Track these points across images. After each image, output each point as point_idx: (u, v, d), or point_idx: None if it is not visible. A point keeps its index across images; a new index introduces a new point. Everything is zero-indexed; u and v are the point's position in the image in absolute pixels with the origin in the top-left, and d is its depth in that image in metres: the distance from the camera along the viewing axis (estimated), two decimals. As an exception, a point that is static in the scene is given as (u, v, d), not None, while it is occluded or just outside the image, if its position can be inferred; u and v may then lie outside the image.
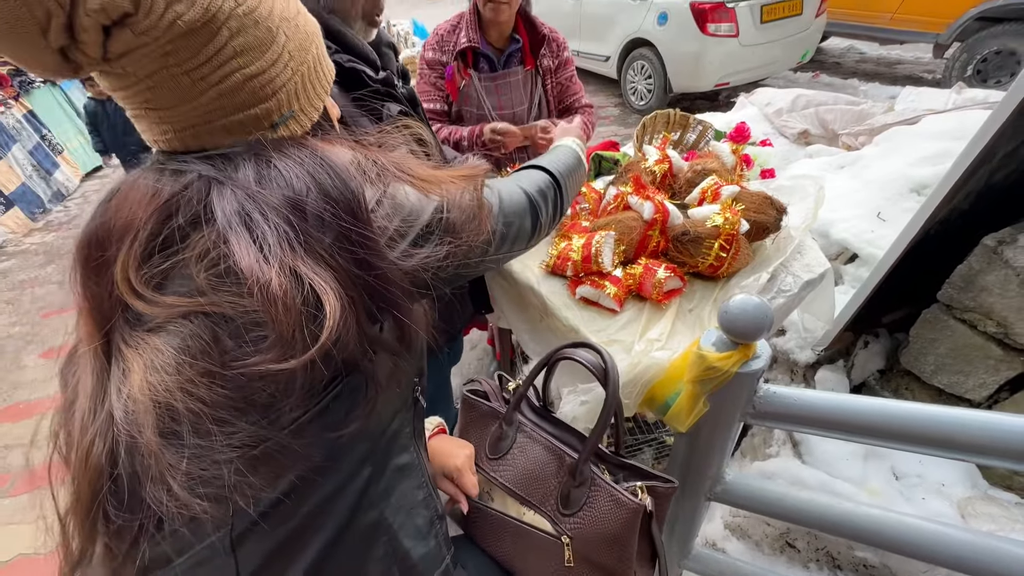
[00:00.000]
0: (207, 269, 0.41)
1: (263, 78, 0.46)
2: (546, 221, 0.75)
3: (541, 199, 0.74)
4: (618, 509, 0.67)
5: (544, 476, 0.73)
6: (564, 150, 0.91)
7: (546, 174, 0.78)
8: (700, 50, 4.42)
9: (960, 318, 1.26)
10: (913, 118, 2.16)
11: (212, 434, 0.39)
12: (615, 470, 0.73)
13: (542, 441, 0.76)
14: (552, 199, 0.78)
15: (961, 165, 1.07)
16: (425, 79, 1.54)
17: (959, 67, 4.32)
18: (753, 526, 1.39)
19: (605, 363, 0.69)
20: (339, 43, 0.91)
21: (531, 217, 0.71)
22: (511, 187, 0.70)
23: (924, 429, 0.66)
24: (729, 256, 1.08)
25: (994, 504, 1.11)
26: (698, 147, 1.68)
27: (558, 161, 0.85)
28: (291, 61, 0.48)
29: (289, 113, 0.49)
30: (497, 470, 0.77)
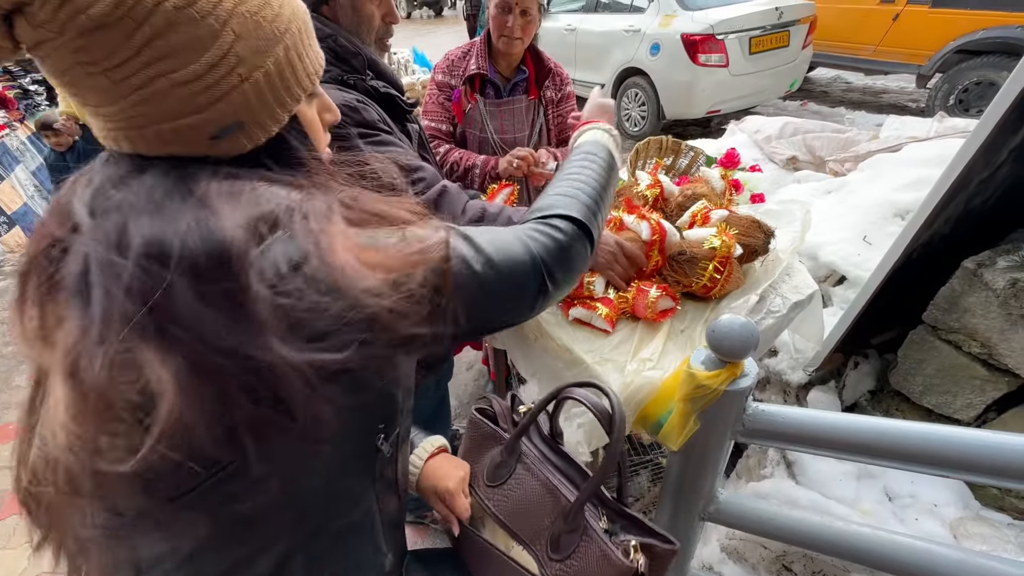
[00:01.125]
0: (54, 330, 0.37)
1: (197, 85, 0.39)
2: (555, 293, 0.58)
3: (557, 266, 0.57)
4: (607, 566, 0.63)
5: (538, 513, 0.70)
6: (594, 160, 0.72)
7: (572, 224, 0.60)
8: (692, 79, 4.56)
9: (945, 339, 1.29)
10: (896, 145, 2.23)
11: (92, 497, 0.38)
12: (615, 517, 0.68)
13: (541, 476, 0.72)
14: (576, 259, 0.60)
15: (938, 191, 1.12)
16: (434, 99, 1.61)
17: (941, 97, 4.48)
18: (750, 549, 1.38)
19: (612, 408, 0.64)
20: (373, 69, 0.96)
21: (534, 285, 0.55)
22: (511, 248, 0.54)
23: (905, 445, 0.68)
24: (723, 278, 1.11)
25: (986, 524, 1.12)
26: (690, 172, 1.73)
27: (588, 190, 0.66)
28: (240, 66, 0.41)
29: (234, 126, 0.42)
30: (492, 498, 0.74)
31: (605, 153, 0.75)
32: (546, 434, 0.79)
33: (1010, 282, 1.12)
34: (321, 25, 0.88)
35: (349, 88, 0.91)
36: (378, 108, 0.94)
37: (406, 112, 1.04)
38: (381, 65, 0.98)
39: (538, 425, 0.78)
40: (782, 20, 4.57)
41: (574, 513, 0.66)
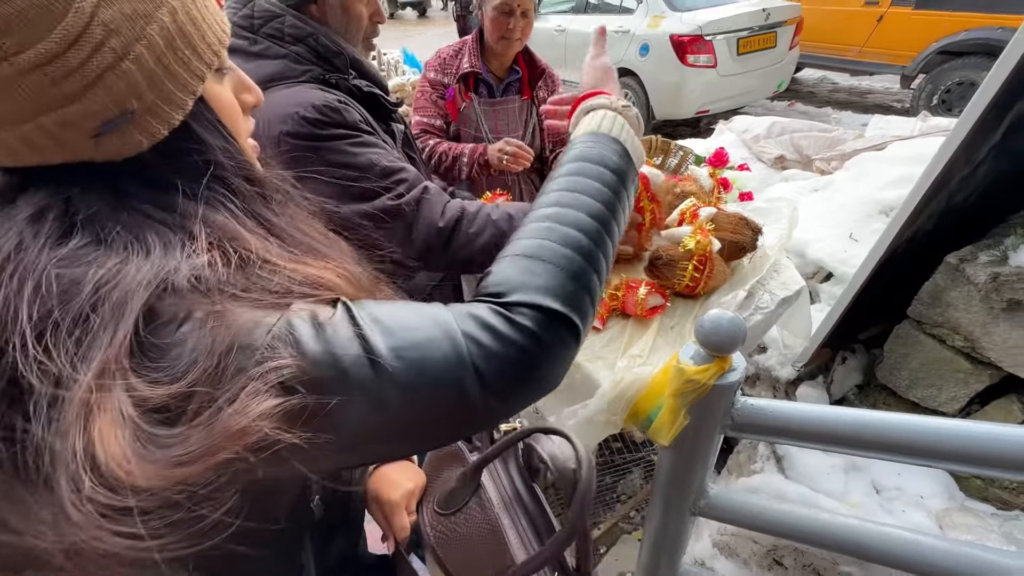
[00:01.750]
0: None
1: (56, 68, 0.31)
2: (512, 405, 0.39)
3: (502, 377, 0.36)
4: None
5: (479, 560, 0.61)
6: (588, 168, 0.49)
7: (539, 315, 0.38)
8: (680, 80, 4.60)
9: (930, 333, 1.31)
10: (881, 144, 2.27)
11: None
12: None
13: (492, 520, 0.61)
14: (542, 366, 0.39)
15: (921, 188, 1.14)
16: (426, 96, 1.60)
17: (925, 97, 4.56)
18: (741, 544, 1.39)
19: (579, 469, 0.52)
20: (356, 69, 0.95)
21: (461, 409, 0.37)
22: (427, 352, 0.35)
23: (890, 436, 0.69)
24: (704, 276, 1.12)
25: (971, 515, 1.14)
26: (679, 171, 1.74)
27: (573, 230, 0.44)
28: (111, 38, 0.32)
29: (122, 116, 0.33)
30: (436, 527, 0.65)
31: (611, 153, 0.50)
32: (523, 466, 0.67)
33: (991, 276, 1.15)
34: (302, 24, 0.87)
35: (331, 88, 0.90)
36: (360, 108, 0.93)
37: (390, 112, 1.03)
38: (365, 64, 0.97)
39: (516, 454, 0.67)
40: (769, 21, 4.63)
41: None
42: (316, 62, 0.89)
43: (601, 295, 0.47)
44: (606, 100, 0.58)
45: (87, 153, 0.34)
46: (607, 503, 1.77)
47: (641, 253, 1.32)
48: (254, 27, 0.86)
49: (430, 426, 0.38)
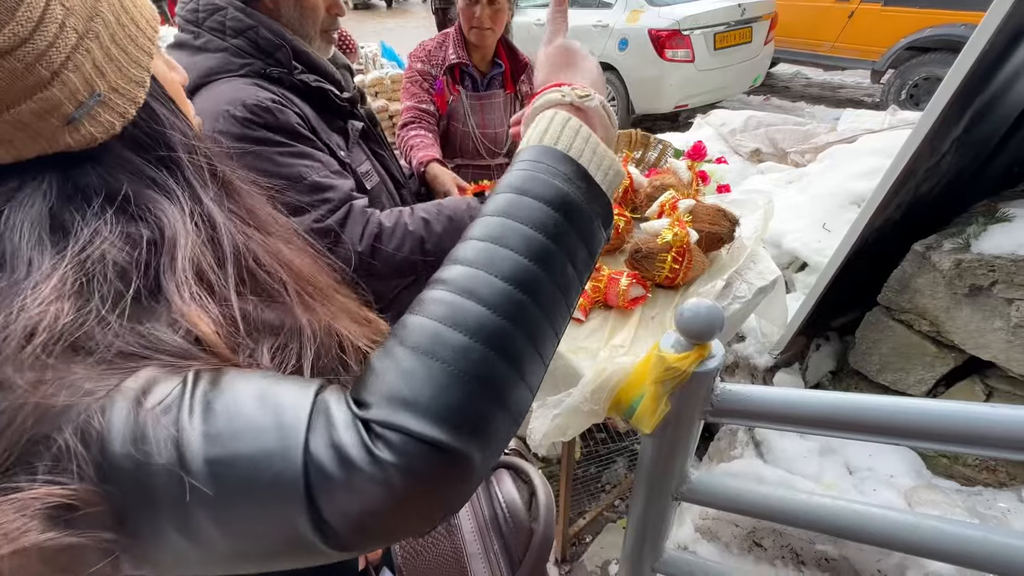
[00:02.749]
0: None
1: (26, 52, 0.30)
2: (356, 549, 0.30)
3: (345, 514, 0.28)
4: None
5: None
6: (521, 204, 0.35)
7: (412, 443, 0.28)
8: (659, 74, 4.65)
9: (898, 319, 1.37)
10: (852, 137, 2.33)
11: None
12: None
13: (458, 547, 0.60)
14: (407, 514, 0.29)
15: (889, 179, 1.18)
16: (415, 83, 1.58)
17: (894, 92, 4.69)
18: (722, 527, 1.43)
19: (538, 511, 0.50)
20: (303, 62, 0.91)
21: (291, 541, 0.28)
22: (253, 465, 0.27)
23: (862, 417, 0.72)
24: (683, 267, 1.14)
25: (937, 491, 1.19)
26: (659, 165, 1.77)
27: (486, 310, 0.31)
28: (70, 17, 0.31)
29: (93, 99, 0.33)
30: (405, 548, 0.65)
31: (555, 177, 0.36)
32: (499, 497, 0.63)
33: (955, 263, 1.20)
34: (244, 16, 0.84)
35: (273, 82, 0.86)
36: (304, 106, 0.89)
37: (344, 108, 0.98)
38: (313, 57, 0.92)
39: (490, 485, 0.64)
40: (745, 16, 4.70)
41: None
42: (257, 55, 0.85)
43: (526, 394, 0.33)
44: (557, 94, 0.41)
45: (63, 141, 0.33)
46: (592, 493, 1.80)
47: (622, 246, 1.34)
48: (199, 20, 0.84)
49: (253, 559, 0.29)
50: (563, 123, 0.38)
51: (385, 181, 1.07)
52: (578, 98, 0.40)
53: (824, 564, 1.29)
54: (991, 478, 1.24)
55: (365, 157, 1.02)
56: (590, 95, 0.41)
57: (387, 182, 1.08)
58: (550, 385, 1.09)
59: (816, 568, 1.29)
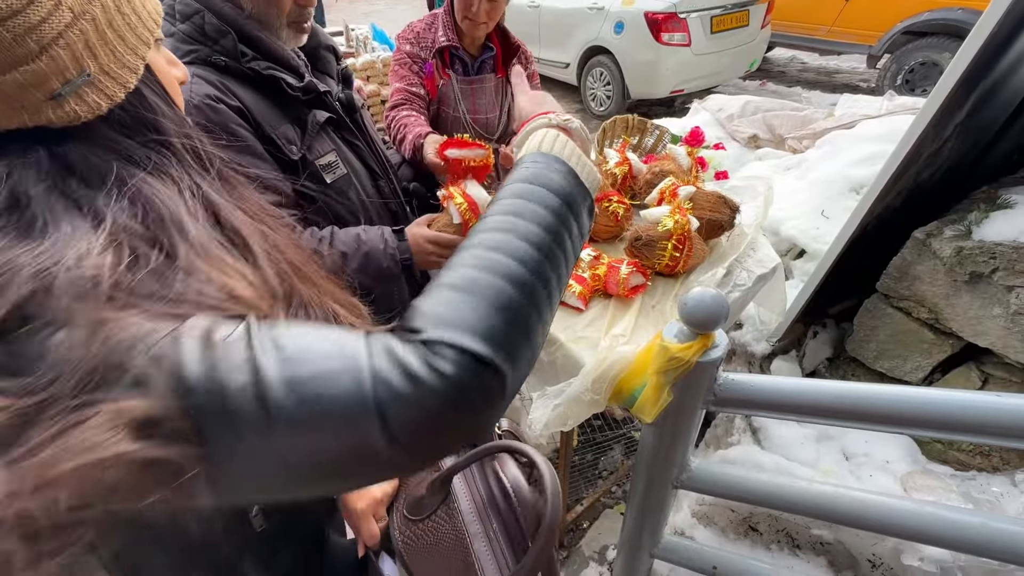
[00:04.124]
0: None
1: (17, 24, 0.31)
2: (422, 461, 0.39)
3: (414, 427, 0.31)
4: None
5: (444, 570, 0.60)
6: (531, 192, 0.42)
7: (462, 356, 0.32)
8: (655, 58, 4.58)
9: (897, 306, 1.37)
10: (850, 123, 2.31)
11: None
12: None
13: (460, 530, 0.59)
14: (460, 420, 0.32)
15: (891, 165, 1.16)
16: (405, 66, 1.53)
17: (890, 76, 4.67)
18: (718, 513, 1.45)
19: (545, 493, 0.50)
20: (256, 49, 0.87)
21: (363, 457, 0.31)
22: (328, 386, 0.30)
23: (866, 405, 0.71)
24: (683, 255, 1.13)
25: (932, 477, 1.20)
26: (656, 151, 1.75)
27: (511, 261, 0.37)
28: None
29: (81, 78, 0.34)
30: (404, 532, 0.63)
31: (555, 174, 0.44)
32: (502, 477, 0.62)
33: (955, 250, 1.19)
34: (192, 1, 0.81)
35: (219, 70, 0.83)
36: (247, 97, 0.85)
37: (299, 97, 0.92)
38: (266, 43, 0.88)
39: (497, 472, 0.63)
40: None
41: None
42: (203, 42, 0.83)
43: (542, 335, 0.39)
44: (544, 120, 0.50)
45: (45, 116, 0.33)
46: (589, 479, 1.81)
47: (622, 233, 1.32)
48: None
49: (325, 471, 0.32)
50: (554, 138, 0.48)
51: (356, 173, 1.03)
52: (562, 121, 0.51)
53: (819, 548, 1.31)
54: (985, 463, 1.26)
55: (331, 148, 0.98)
56: (570, 119, 0.51)
57: (358, 174, 1.04)
58: (551, 375, 1.08)
59: (811, 552, 1.31)
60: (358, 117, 1.08)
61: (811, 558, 1.30)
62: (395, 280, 1.02)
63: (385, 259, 0.94)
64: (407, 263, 0.97)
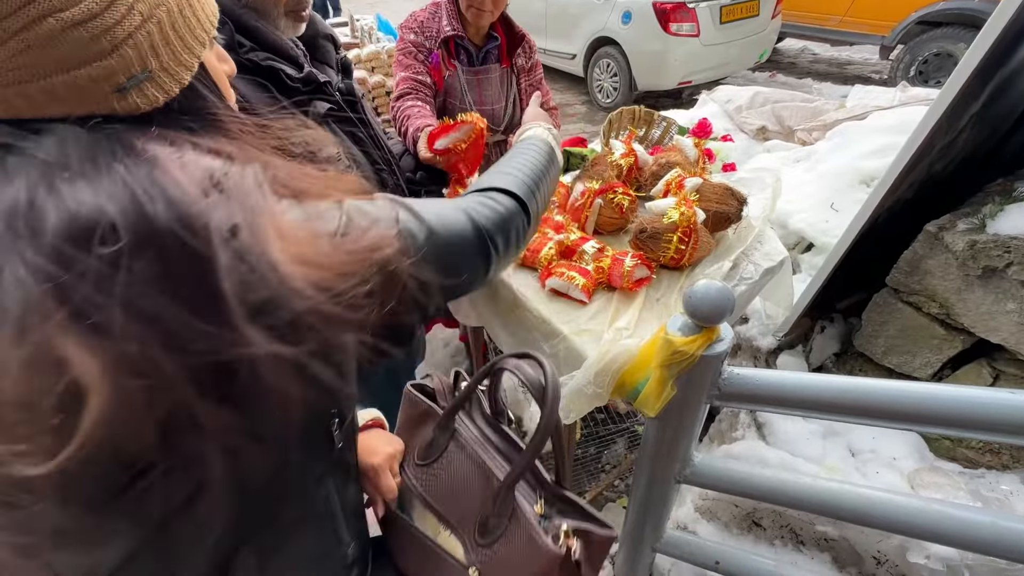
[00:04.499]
0: None
1: (95, 25, 0.34)
2: (501, 258, 0.61)
3: (499, 232, 0.60)
4: (533, 551, 0.58)
5: (468, 495, 0.65)
6: (534, 149, 0.75)
7: (508, 198, 0.63)
8: (663, 49, 4.52)
9: (907, 301, 1.34)
10: (861, 114, 2.27)
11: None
12: (552, 500, 0.64)
13: (474, 456, 0.67)
14: (515, 230, 0.63)
15: (904, 157, 1.14)
16: (410, 55, 1.50)
17: (903, 68, 4.58)
18: (722, 508, 1.44)
19: (545, 378, 0.60)
20: (254, 39, 0.86)
21: (480, 256, 0.58)
22: (453, 217, 0.56)
23: (874, 402, 0.70)
24: (689, 248, 1.11)
25: (939, 474, 1.19)
26: (662, 142, 1.72)
27: (524, 171, 0.68)
28: (139, 2, 0.37)
29: (143, 74, 0.37)
30: (421, 478, 0.70)
31: (544, 145, 0.78)
32: (487, 413, 0.73)
33: (969, 244, 1.17)
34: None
35: None
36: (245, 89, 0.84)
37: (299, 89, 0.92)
38: (266, 33, 0.87)
39: (480, 403, 0.74)
40: (752, -12, 4.56)
41: (503, 494, 0.61)
42: None
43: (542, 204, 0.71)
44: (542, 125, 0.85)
45: (109, 106, 0.37)
46: (592, 473, 1.81)
47: (626, 225, 1.30)
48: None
49: (465, 269, 0.57)
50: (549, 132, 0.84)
51: (359, 165, 1.02)
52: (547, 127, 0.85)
53: (823, 544, 1.30)
54: (994, 460, 1.24)
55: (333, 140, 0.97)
56: (550, 128, 0.85)
57: (360, 166, 1.03)
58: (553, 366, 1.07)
59: (815, 548, 1.30)
60: (359, 107, 1.06)
61: (815, 554, 1.29)
62: None
63: None
64: None
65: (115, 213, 0.31)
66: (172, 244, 0.32)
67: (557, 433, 0.61)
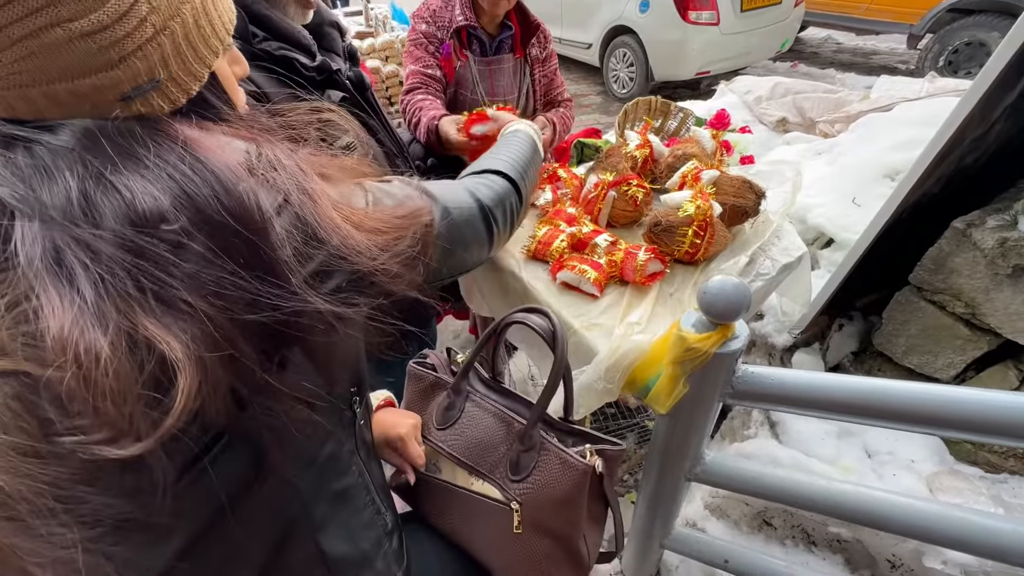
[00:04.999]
0: (15, 324, 0.30)
1: (104, 37, 0.33)
2: (502, 231, 0.71)
3: (498, 208, 0.70)
4: (567, 471, 0.67)
5: (493, 443, 0.73)
6: (520, 140, 0.87)
7: (503, 179, 0.74)
8: (682, 38, 4.42)
9: (930, 300, 1.30)
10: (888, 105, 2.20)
11: (53, 512, 0.31)
12: (564, 436, 0.73)
13: (491, 409, 0.75)
14: (509, 207, 0.74)
15: (932, 150, 1.09)
16: (420, 47, 1.48)
17: (932, 58, 4.42)
18: (731, 506, 1.42)
19: (553, 326, 0.69)
20: (266, 29, 0.85)
21: (484, 229, 0.69)
22: (459, 194, 0.66)
23: (894, 404, 0.67)
24: (704, 242, 1.08)
25: (960, 478, 1.15)
26: (679, 134, 1.68)
27: (514, 158, 0.80)
28: (153, 15, 0.35)
29: (151, 84, 0.37)
30: (446, 440, 0.76)
31: (528, 138, 0.91)
32: (487, 377, 0.82)
33: (999, 241, 1.12)
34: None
35: None
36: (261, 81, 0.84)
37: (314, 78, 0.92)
38: (278, 23, 0.86)
39: (478, 371, 0.82)
40: (775, -25, 4.43)
41: (528, 432, 0.69)
42: None
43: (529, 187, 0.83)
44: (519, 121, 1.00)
45: (111, 113, 0.36)
46: (601, 467, 1.80)
47: (640, 218, 1.28)
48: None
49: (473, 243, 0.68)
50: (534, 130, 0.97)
51: (373, 154, 1.02)
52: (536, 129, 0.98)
53: (836, 546, 1.27)
54: (1018, 465, 1.20)
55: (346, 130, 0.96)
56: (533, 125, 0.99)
57: (375, 155, 1.02)
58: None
59: (827, 549, 1.28)
60: (369, 95, 1.05)
61: (827, 555, 1.26)
62: None
63: None
64: None
65: (168, 198, 0.32)
66: (224, 222, 0.33)
67: (567, 374, 0.72)
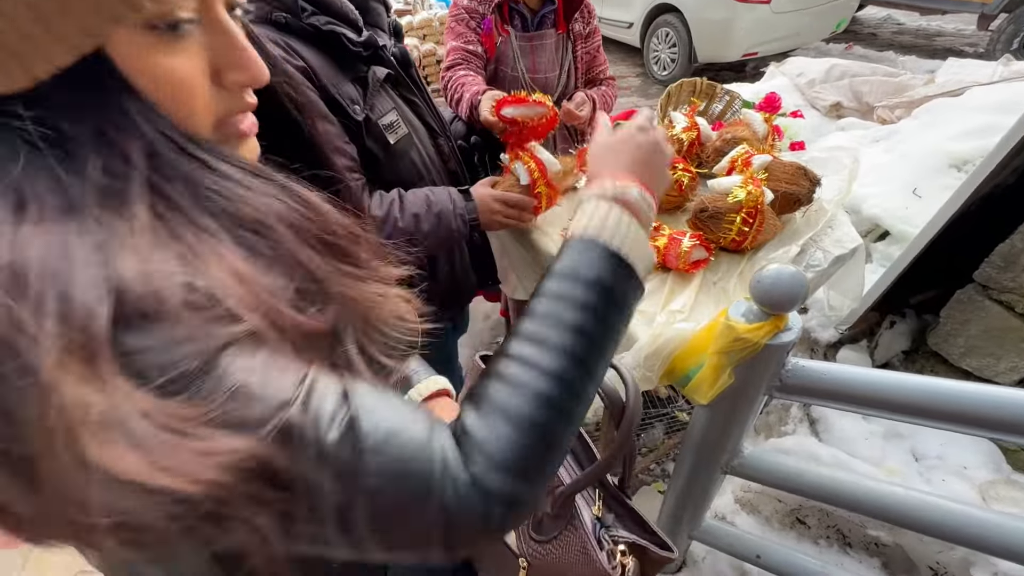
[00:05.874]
0: None
1: None
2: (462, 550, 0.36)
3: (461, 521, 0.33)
4: (584, 564, 0.58)
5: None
6: (574, 296, 0.40)
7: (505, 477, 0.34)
8: (730, 17, 4.22)
9: (997, 299, 1.22)
10: (957, 90, 2.05)
11: None
12: (612, 505, 0.63)
13: (582, 543, 0.63)
14: (489, 529, 0.34)
15: (1011, 139, 1.01)
16: (462, 22, 1.46)
17: (1006, 39, 4.09)
18: (763, 501, 1.39)
19: (628, 396, 0.55)
20: (315, 3, 0.84)
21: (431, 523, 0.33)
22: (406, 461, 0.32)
23: (958, 405, 0.64)
24: (752, 230, 1.04)
25: (1017, 488, 1.09)
26: (724, 118, 1.61)
27: (547, 379, 0.37)
28: None
29: None
30: (533, 549, 0.68)
31: (598, 269, 0.41)
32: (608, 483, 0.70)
33: (1080, 239, 1.04)
34: None
35: (279, 29, 0.79)
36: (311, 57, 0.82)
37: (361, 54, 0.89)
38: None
39: None
40: (834, -51, 4.16)
41: (564, 499, 0.60)
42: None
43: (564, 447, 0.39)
44: (599, 190, 0.46)
45: None
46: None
47: (684, 204, 1.24)
48: None
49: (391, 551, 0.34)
50: (607, 213, 0.43)
51: (416, 131, 1.00)
52: (619, 190, 0.45)
53: (873, 549, 1.23)
54: (1083, 479, 1.13)
55: (392, 106, 0.95)
56: (628, 187, 0.46)
57: (418, 133, 1.01)
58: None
59: (864, 552, 1.24)
60: (413, 72, 1.04)
61: (863, 558, 1.23)
62: (460, 241, 1.03)
63: (455, 220, 0.94)
64: (474, 223, 0.97)
65: None
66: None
67: (630, 446, 0.58)
